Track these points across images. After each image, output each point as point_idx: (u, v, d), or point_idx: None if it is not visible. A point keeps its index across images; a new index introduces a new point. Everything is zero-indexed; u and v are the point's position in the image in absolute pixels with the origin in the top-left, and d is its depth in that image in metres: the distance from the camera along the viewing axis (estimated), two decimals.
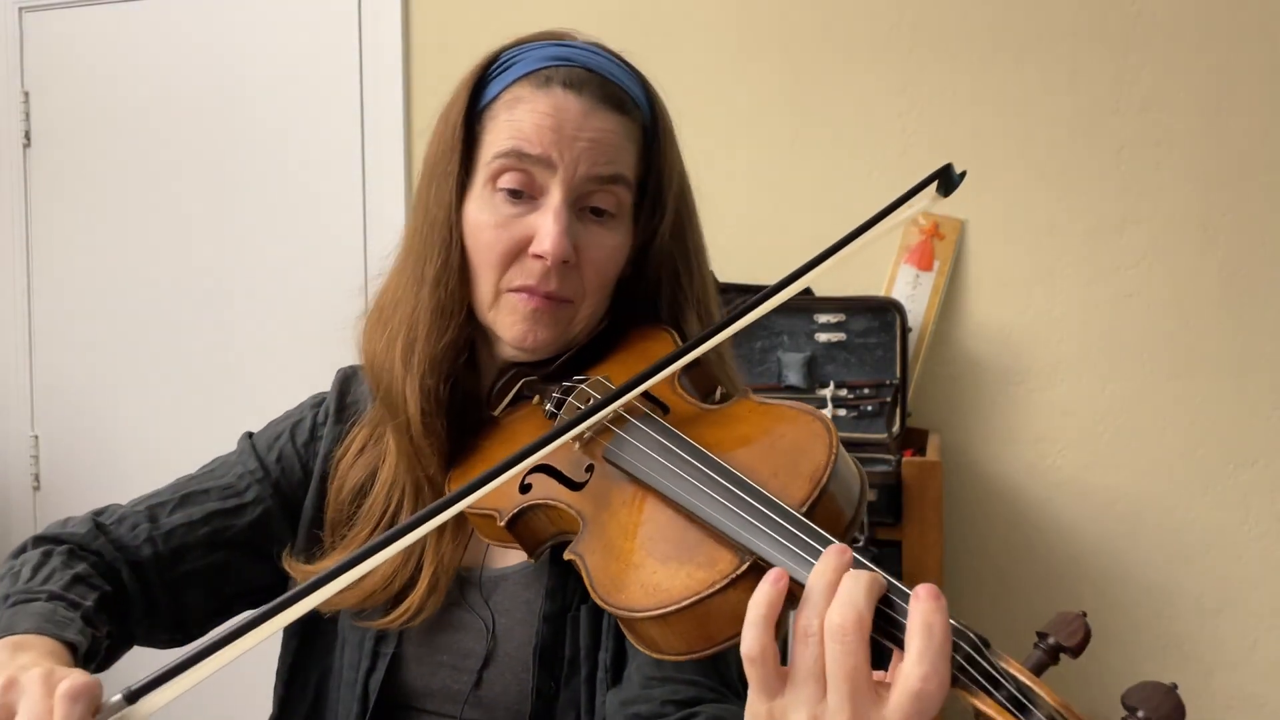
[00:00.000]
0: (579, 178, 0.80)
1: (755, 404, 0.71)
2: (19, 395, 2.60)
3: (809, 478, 0.60)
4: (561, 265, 0.80)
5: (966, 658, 0.51)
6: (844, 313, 1.82)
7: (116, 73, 2.47)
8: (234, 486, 0.91)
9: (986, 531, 1.94)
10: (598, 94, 0.81)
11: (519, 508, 0.73)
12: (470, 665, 0.84)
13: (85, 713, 0.60)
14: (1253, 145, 1.82)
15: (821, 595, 0.53)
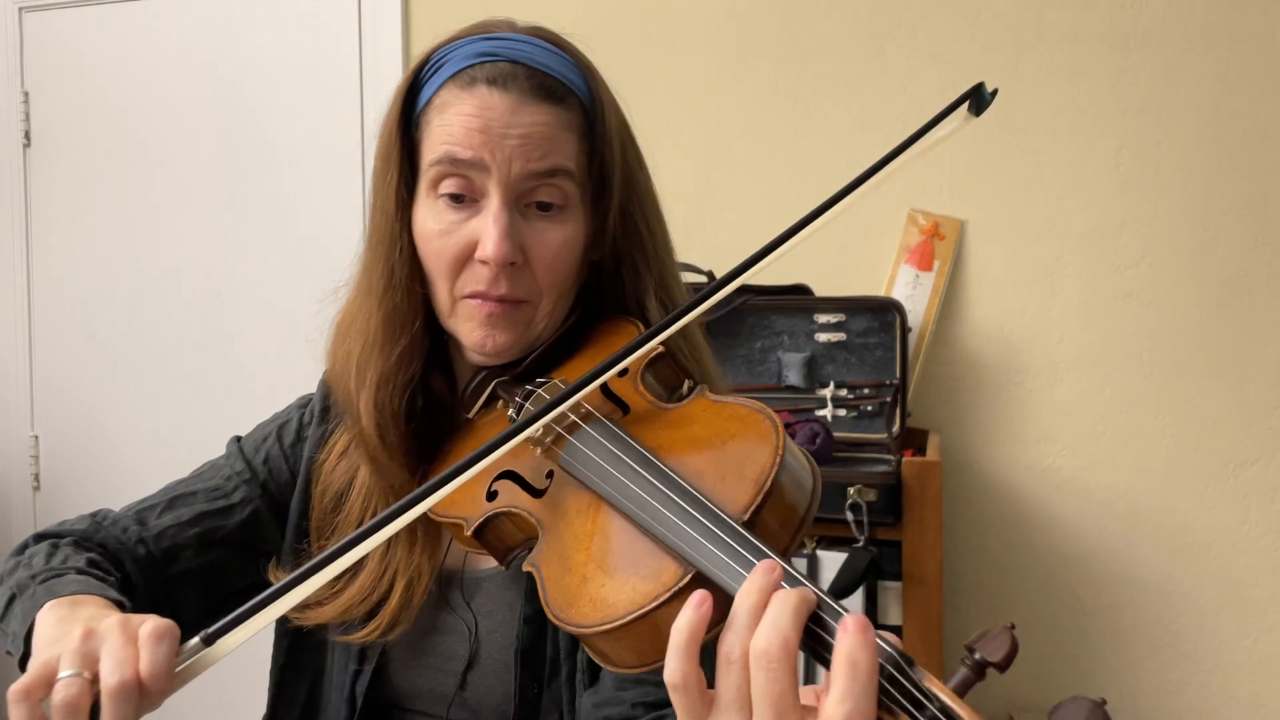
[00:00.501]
0: (515, 176, 0.78)
1: (709, 402, 0.69)
2: (19, 395, 2.60)
3: (754, 481, 0.59)
4: (509, 267, 0.78)
5: (889, 678, 0.50)
6: (844, 313, 1.82)
7: (116, 73, 2.47)
8: (222, 489, 0.92)
9: (986, 531, 1.94)
10: (525, 87, 0.78)
11: (485, 516, 0.72)
12: (454, 667, 0.85)
13: (169, 653, 0.60)
14: (1253, 145, 1.82)
15: (746, 618, 0.52)
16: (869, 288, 1.97)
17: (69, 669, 0.60)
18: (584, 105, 0.82)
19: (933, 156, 1.95)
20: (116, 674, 0.59)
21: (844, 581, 1.52)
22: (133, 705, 0.60)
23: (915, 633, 1.53)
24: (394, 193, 0.82)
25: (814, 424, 1.69)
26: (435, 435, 0.86)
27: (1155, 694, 1.86)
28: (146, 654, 0.60)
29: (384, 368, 0.82)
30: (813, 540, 1.62)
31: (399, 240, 0.81)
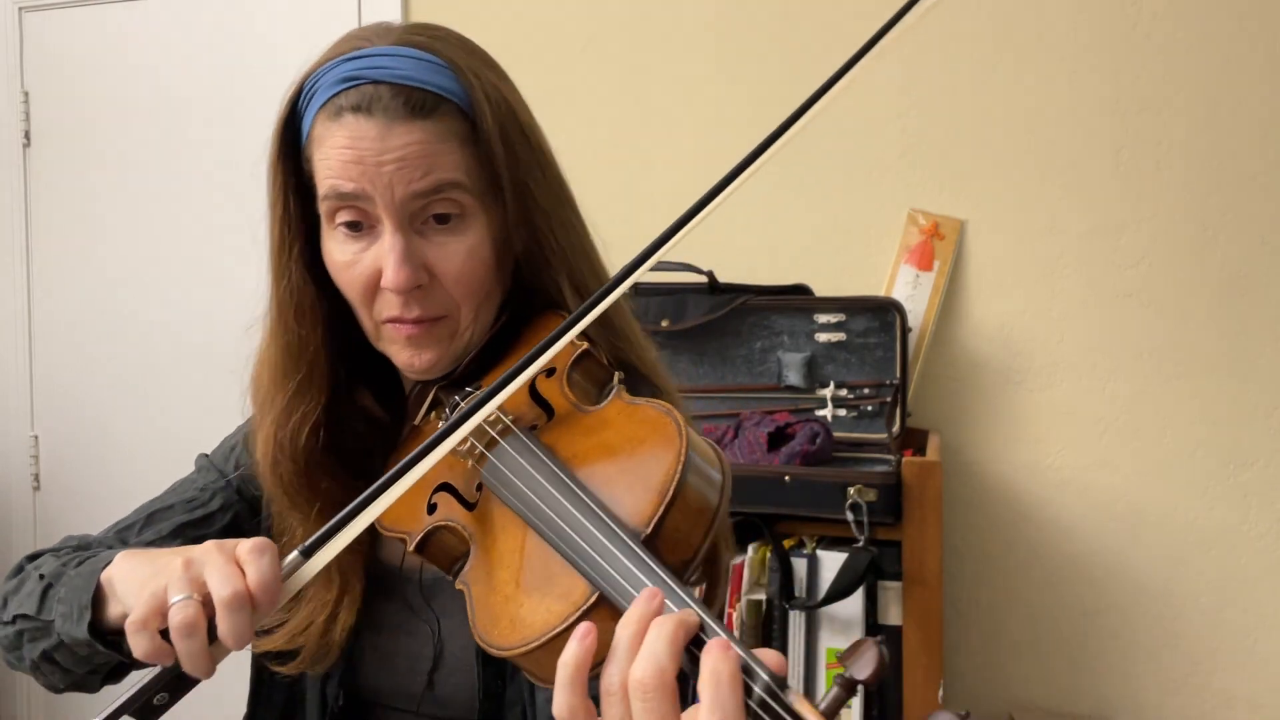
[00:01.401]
0: (399, 200, 0.76)
1: (624, 404, 0.69)
2: (19, 395, 2.60)
3: (657, 491, 0.59)
4: (416, 290, 0.78)
5: (760, 703, 0.50)
6: (844, 313, 1.82)
7: (116, 73, 2.47)
8: (198, 499, 0.92)
9: (986, 531, 1.94)
10: (391, 107, 0.75)
11: (426, 530, 0.72)
12: (421, 667, 0.86)
13: (273, 564, 0.63)
14: (1253, 145, 1.82)
15: (625, 649, 0.52)
16: (869, 288, 1.97)
17: (179, 594, 0.62)
18: (461, 109, 0.78)
19: (932, 156, 1.95)
20: (228, 586, 0.61)
21: (844, 581, 1.52)
22: (246, 616, 0.61)
23: (915, 633, 1.53)
24: (279, 226, 0.82)
25: (814, 424, 1.69)
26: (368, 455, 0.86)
27: (1155, 694, 1.86)
28: (252, 567, 0.62)
29: (283, 402, 0.83)
30: (813, 540, 1.62)
31: (285, 272, 0.82)
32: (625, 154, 2.12)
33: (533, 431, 0.71)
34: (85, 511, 2.49)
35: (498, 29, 2.20)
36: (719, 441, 1.77)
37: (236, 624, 0.61)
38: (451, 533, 0.71)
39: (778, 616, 1.57)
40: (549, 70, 2.15)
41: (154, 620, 0.63)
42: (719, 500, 0.61)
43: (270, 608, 0.62)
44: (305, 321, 0.83)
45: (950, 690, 1.91)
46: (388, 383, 0.91)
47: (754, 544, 1.62)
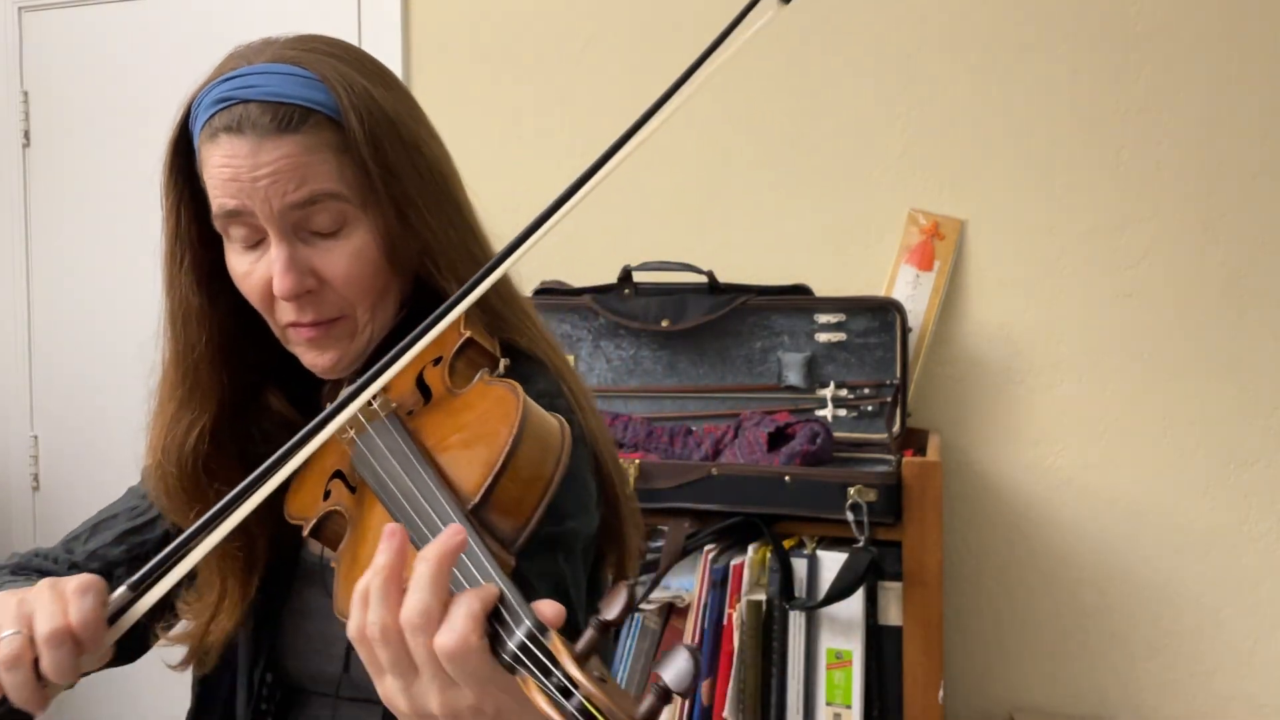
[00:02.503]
0: (277, 212, 0.79)
1: (483, 386, 0.73)
2: (19, 395, 2.60)
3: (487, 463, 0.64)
4: (307, 295, 0.82)
5: (521, 646, 0.54)
6: (844, 313, 1.82)
7: (116, 73, 2.47)
8: (139, 506, 0.96)
9: (986, 531, 1.94)
10: (260, 125, 0.79)
11: (318, 516, 0.75)
12: (337, 651, 0.89)
13: (96, 603, 0.65)
14: (1253, 145, 1.82)
15: (381, 593, 0.58)
16: (869, 288, 1.97)
17: (7, 629, 0.66)
18: (332, 119, 0.81)
19: (932, 156, 1.95)
20: (49, 623, 0.64)
21: (844, 582, 1.52)
22: (68, 652, 0.64)
23: (915, 633, 1.53)
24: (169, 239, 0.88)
25: (814, 424, 1.69)
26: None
27: (1155, 694, 1.86)
28: (74, 605, 0.65)
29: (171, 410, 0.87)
30: (813, 540, 1.62)
31: (176, 285, 0.87)
32: None
33: (406, 416, 0.75)
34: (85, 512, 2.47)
35: (498, 29, 2.20)
36: (718, 442, 1.77)
37: (57, 659, 0.64)
38: (340, 516, 0.75)
39: (778, 617, 1.57)
40: (549, 70, 2.15)
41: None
42: (553, 472, 0.66)
43: (96, 644, 0.65)
44: (192, 331, 0.87)
45: (950, 690, 1.91)
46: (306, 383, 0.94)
47: (754, 544, 1.62)
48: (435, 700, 0.56)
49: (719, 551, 1.63)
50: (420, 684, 0.57)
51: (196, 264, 0.87)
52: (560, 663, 0.52)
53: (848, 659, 1.55)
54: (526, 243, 0.71)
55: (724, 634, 1.59)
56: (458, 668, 0.55)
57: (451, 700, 0.56)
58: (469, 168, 0.98)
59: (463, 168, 0.97)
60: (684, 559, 1.63)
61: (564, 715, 0.51)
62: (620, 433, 1.84)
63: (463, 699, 0.56)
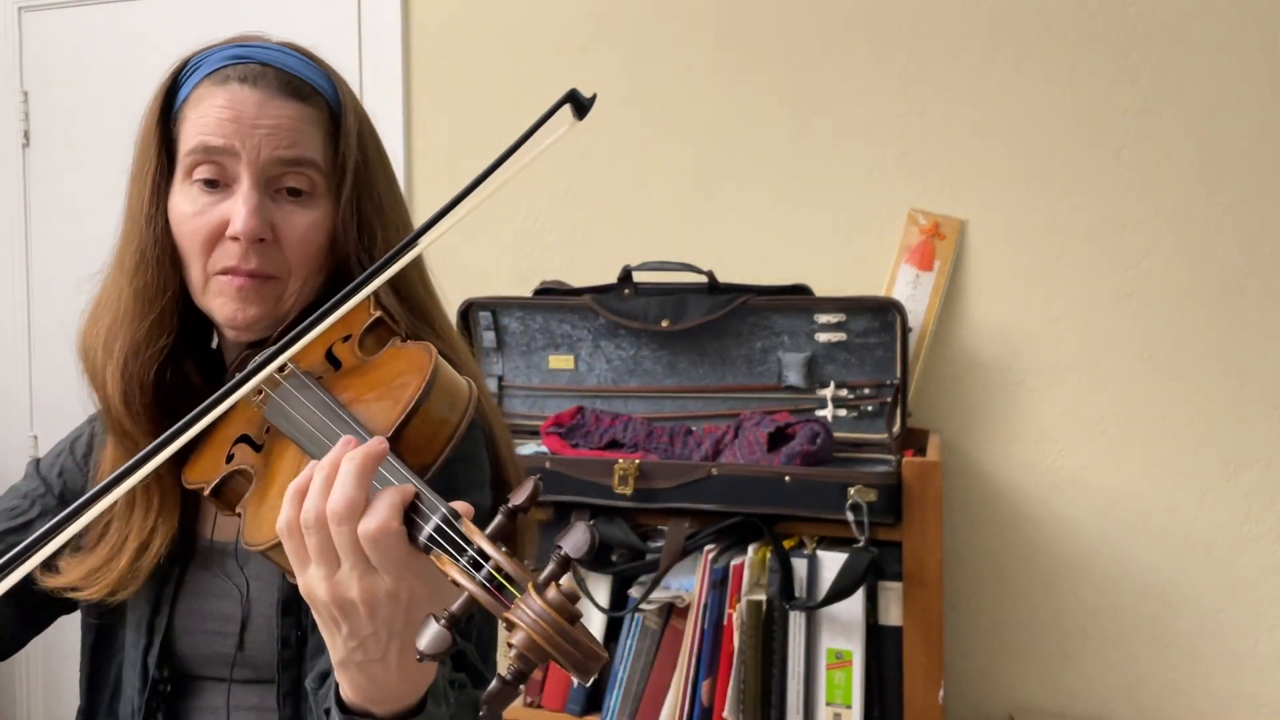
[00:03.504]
0: (263, 161, 0.85)
1: (396, 350, 0.80)
2: (19, 395, 2.60)
3: (402, 404, 0.71)
4: (258, 244, 0.86)
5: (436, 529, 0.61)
6: (844, 313, 1.82)
7: (116, 73, 2.47)
8: (18, 507, 0.98)
9: (986, 531, 1.94)
10: (274, 84, 0.87)
11: (220, 477, 0.80)
12: (231, 629, 0.91)
13: None
14: (1253, 145, 1.82)
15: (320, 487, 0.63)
16: (869, 288, 1.97)
17: None
18: (330, 106, 0.90)
19: (932, 156, 1.95)
20: None
21: (844, 582, 1.52)
22: None
23: (915, 633, 1.53)
24: (149, 180, 0.89)
25: (814, 424, 1.69)
26: None
27: (1156, 694, 1.86)
28: None
29: (133, 338, 0.89)
30: (813, 540, 1.62)
31: (153, 222, 0.89)
32: (625, 153, 2.12)
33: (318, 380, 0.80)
34: None
35: (498, 29, 2.20)
36: (719, 442, 1.77)
37: None
38: (243, 475, 0.80)
39: (778, 617, 1.57)
40: (549, 70, 2.15)
41: None
42: (459, 421, 0.73)
43: None
44: (166, 268, 0.89)
45: (950, 690, 1.91)
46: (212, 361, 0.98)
47: (754, 544, 1.62)
48: (355, 587, 0.62)
49: (719, 551, 1.63)
50: (342, 572, 0.62)
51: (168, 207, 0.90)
52: (472, 540, 0.60)
53: (848, 659, 1.55)
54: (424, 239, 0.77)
55: (724, 634, 1.59)
56: (378, 552, 0.61)
57: (370, 586, 0.62)
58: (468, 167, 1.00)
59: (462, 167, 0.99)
60: (684, 559, 1.63)
61: (476, 584, 0.58)
62: (620, 433, 1.84)
63: (381, 584, 0.62)
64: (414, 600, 0.62)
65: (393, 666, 0.64)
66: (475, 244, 2.15)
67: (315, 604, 0.64)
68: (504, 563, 0.58)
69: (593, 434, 1.84)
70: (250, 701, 0.91)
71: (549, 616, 0.55)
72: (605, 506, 1.67)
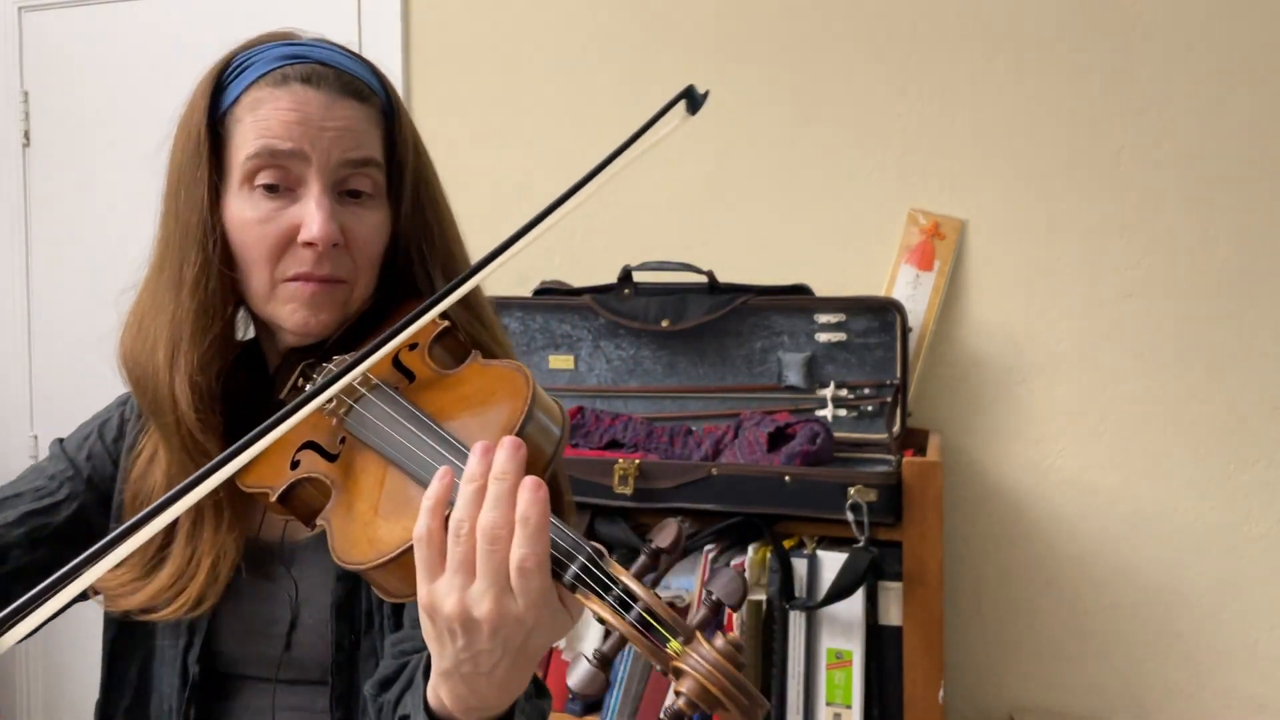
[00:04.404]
0: (333, 164, 0.84)
1: (480, 366, 0.78)
2: (19, 395, 2.60)
3: (503, 429, 0.69)
4: (332, 249, 0.84)
5: (582, 568, 0.61)
6: (844, 313, 1.82)
7: (116, 73, 2.47)
8: (46, 488, 0.94)
9: (986, 531, 1.94)
10: (335, 85, 0.85)
11: (288, 483, 0.78)
12: (279, 630, 0.89)
13: None
14: (1253, 145, 1.82)
15: (471, 498, 0.62)
16: (869, 288, 1.97)
17: None
18: (383, 107, 0.90)
19: (933, 156, 1.95)
20: None
21: (844, 582, 1.52)
22: None
23: (915, 633, 1.53)
24: (206, 186, 0.86)
25: (814, 424, 1.69)
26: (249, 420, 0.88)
27: (1156, 694, 1.86)
28: None
29: (201, 353, 0.86)
30: (813, 540, 1.62)
31: (213, 232, 0.85)
32: None
33: (396, 390, 0.79)
34: None
35: (497, 29, 2.20)
36: (719, 442, 1.77)
37: None
38: (313, 484, 0.78)
39: (778, 617, 1.57)
40: (549, 71, 2.15)
41: None
42: (554, 449, 0.71)
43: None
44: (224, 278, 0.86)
45: (950, 690, 1.91)
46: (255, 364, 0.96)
47: (754, 544, 1.62)
48: (486, 606, 0.60)
49: (719, 551, 1.63)
50: (475, 589, 0.61)
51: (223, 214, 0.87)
52: (619, 579, 0.60)
53: (848, 659, 1.55)
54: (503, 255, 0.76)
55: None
56: (525, 580, 0.60)
57: (502, 608, 0.60)
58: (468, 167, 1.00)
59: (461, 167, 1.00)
60: (684, 559, 1.63)
61: (627, 624, 0.58)
62: (620, 433, 1.84)
63: (513, 608, 0.61)
64: (538, 625, 0.61)
65: (497, 680, 0.64)
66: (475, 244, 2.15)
67: (435, 616, 0.62)
68: (654, 604, 0.58)
69: (593, 434, 1.85)
70: (293, 702, 0.90)
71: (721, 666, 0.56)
72: (605, 506, 1.67)
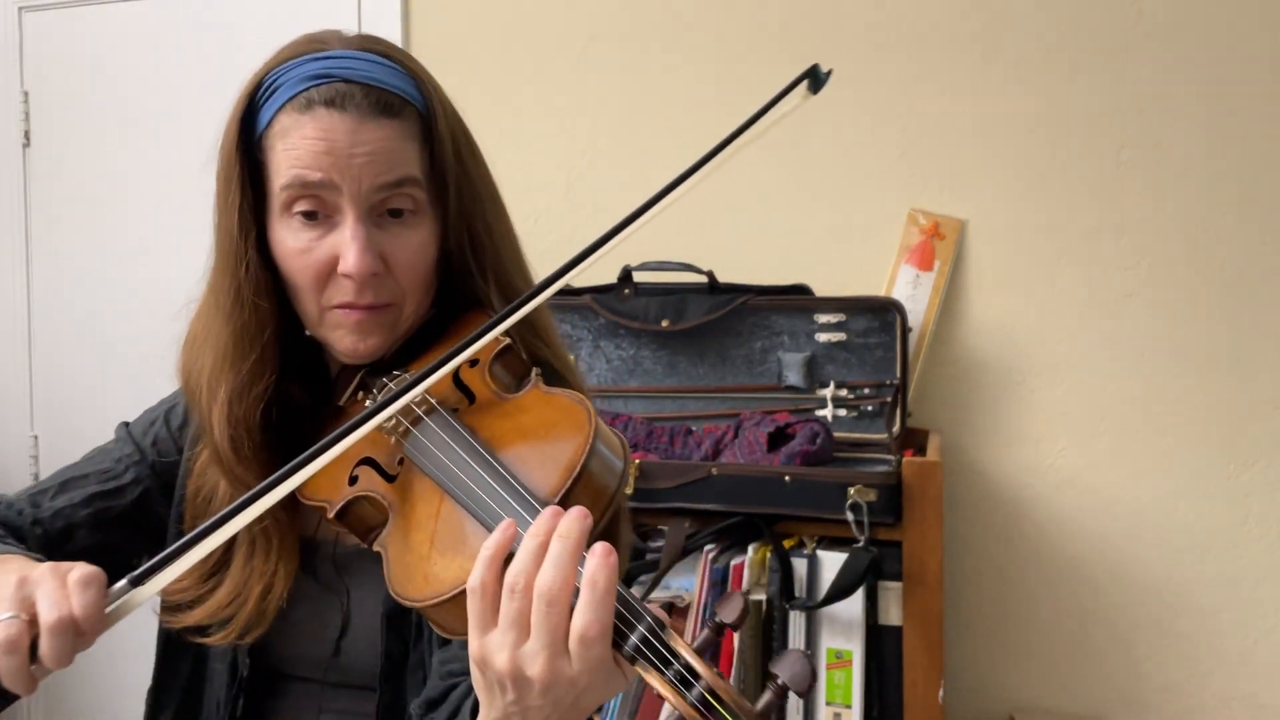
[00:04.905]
0: (365, 191, 0.80)
1: (541, 393, 0.76)
2: (19, 395, 2.60)
3: (565, 468, 0.66)
4: (372, 277, 0.82)
5: (643, 639, 0.58)
6: (844, 313, 1.82)
7: (116, 73, 2.47)
8: (112, 470, 0.95)
9: (986, 531, 1.94)
10: (363, 105, 0.80)
11: (346, 499, 0.77)
12: (329, 635, 0.89)
13: (97, 597, 0.66)
14: (1253, 145, 1.82)
15: (531, 555, 0.59)
16: (869, 288, 1.97)
17: (7, 611, 0.66)
18: (419, 113, 0.84)
19: (932, 156, 1.95)
20: (54, 612, 0.65)
21: (844, 582, 1.52)
22: (69, 641, 0.65)
23: (915, 633, 1.53)
24: (237, 213, 0.84)
25: (814, 424, 1.69)
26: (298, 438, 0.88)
27: (1156, 694, 1.86)
28: (78, 597, 0.65)
29: (236, 382, 0.85)
30: (813, 540, 1.62)
31: (244, 258, 0.84)
32: (625, 154, 2.12)
33: (455, 413, 0.77)
34: None
35: (498, 29, 2.20)
36: (719, 442, 1.77)
37: (58, 647, 0.65)
38: (370, 502, 0.77)
39: (778, 617, 1.57)
40: (549, 70, 2.15)
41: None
42: (618, 485, 0.69)
43: (94, 635, 0.66)
44: (264, 305, 0.85)
45: (950, 690, 1.91)
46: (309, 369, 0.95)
47: (754, 544, 1.62)
48: (540, 666, 0.58)
49: (719, 551, 1.63)
50: (528, 646, 0.59)
51: (262, 238, 0.85)
52: (680, 654, 0.57)
53: (848, 659, 1.55)
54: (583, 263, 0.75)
55: (724, 634, 1.58)
56: (586, 650, 0.58)
57: (555, 669, 0.58)
58: None
59: None
60: (684, 559, 1.63)
61: (687, 703, 0.56)
62: (620, 432, 1.84)
63: (566, 671, 0.59)
64: (590, 688, 0.60)
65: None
66: None
67: (485, 668, 0.61)
68: (717, 685, 0.56)
69: None
70: (340, 705, 0.90)
71: None
72: None
